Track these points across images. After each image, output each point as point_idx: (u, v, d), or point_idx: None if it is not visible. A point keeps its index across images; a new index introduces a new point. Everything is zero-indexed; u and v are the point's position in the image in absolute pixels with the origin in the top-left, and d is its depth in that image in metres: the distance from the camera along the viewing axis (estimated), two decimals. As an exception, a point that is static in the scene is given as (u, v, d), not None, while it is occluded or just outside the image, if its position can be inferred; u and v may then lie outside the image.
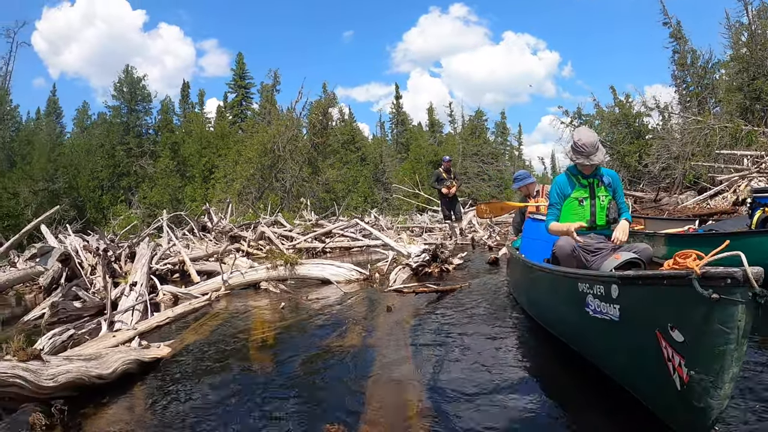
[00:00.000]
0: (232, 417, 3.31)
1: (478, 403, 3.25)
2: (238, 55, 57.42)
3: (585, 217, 4.85)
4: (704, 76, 35.09)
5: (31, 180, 34.70)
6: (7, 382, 2.96)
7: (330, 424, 2.93)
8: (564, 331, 4.12)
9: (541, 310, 4.82)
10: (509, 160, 67.53)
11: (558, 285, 4.02)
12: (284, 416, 3.24)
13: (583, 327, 3.46)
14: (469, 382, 3.58)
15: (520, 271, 5.73)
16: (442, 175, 14.39)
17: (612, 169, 5.44)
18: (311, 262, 9.47)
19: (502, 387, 3.49)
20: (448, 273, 9.05)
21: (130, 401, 3.63)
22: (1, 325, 7.23)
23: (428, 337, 5.05)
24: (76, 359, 3.61)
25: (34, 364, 3.20)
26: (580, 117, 39.24)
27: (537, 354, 4.37)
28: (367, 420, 3.06)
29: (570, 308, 3.63)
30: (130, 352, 4.12)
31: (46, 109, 51.38)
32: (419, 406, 3.26)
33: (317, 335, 5.43)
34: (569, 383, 3.62)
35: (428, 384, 3.62)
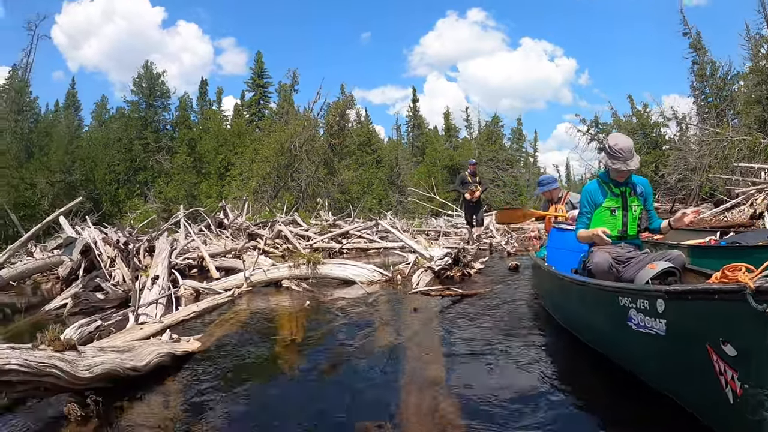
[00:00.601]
0: (264, 415, 3.27)
1: (516, 410, 3.17)
2: (257, 54, 57.56)
3: (617, 227, 4.71)
4: (723, 88, 34.91)
5: (49, 171, 34.94)
6: (43, 372, 2.90)
7: (365, 423, 2.89)
8: (602, 342, 4.00)
9: (576, 321, 4.69)
10: (524, 166, 67.37)
11: (596, 298, 3.89)
12: (317, 415, 3.19)
13: (625, 341, 3.36)
14: (504, 389, 3.49)
15: (549, 281, 5.57)
16: (467, 178, 13.73)
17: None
18: (333, 262, 9.45)
19: (538, 395, 3.40)
20: (470, 277, 8.96)
21: (164, 395, 3.59)
22: (23, 314, 7.20)
23: (458, 339, 4.97)
24: (110, 351, 3.56)
25: (70, 355, 3.15)
26: (597, 126, 39.18)
27: (572, 362, 4.27)
28: (402, 423, 2.98)
29: (610, 322, 3.54)
30: (163, 345, 4.08)
31: (65, 101, 51.71)
32: (455, 411, 3.18)
33: (346, 334, 5.37)
34: (607, 392, 3.50)
35: (462, 388, 3.54)
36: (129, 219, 21.37)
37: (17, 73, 42.70)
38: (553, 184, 7.95)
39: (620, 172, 4.60)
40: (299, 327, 5.71)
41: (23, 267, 9.17)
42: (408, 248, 10.39)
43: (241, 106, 55.13)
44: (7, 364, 2.72)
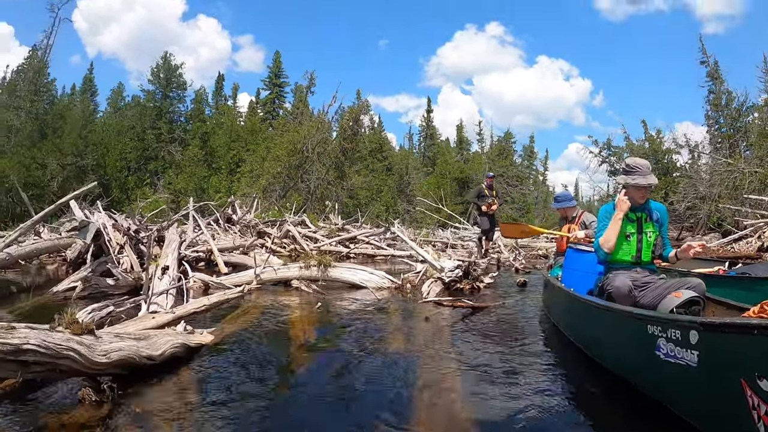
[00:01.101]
0: (275, 411, 3.23)
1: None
2: (276, 54, 57.83)
3: (631, 253, 4.67)
4: (737, 119, 34.80)
5: (60, 153, 35.14)
6: (61, 354, 2.86)
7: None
8: (625, 368, 3.84)
9: (595, 345, 4.53)
10: (533, 184, 67.33)
11: (621, 324, 3.78)
12: (327, 417, 3.15)
13: (652, 369, 3.25)
14: (520, 407, 3.38)
15: (566, 302, 5.45)
16: (484, 191, 13.58)
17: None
18: (344, 266, 9.43)
19: (559, 416, 3.31)
20: (479, 291, 8.90)
21: (178, 385, 3.56)
22: (30, 294, 7.19)
23: (471, 353, 4.88)
24: (126, 338, 3.51)
25: (87, 339, 3.10)
26: (609, 148, 39.10)
27: (589, 386, 4.07)
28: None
29: (635, 349, 3.45)
30: (178, 336, 4.04)
31: (81, 86, 52.03)
32: (469, 425, 3.11)
33: (358, 338, 5.31)
34: (628, 419, 3.39)
35: (478, 404, 3.46)
36: (138, 207, 21.34)
37: (37, 53, 42.90)
38: (570, 202, 7.90)
39: (639, 189, 4.57)
40: (311, 328, 5.66)
41: (32, 246, 9.13)
42: (419, 258, 10.35)
43: (256, 103, 55.38)
44: (25, 344, 2.68)
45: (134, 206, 26.58)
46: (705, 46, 37.24)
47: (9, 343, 2.62)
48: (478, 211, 14.05)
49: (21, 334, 2.72)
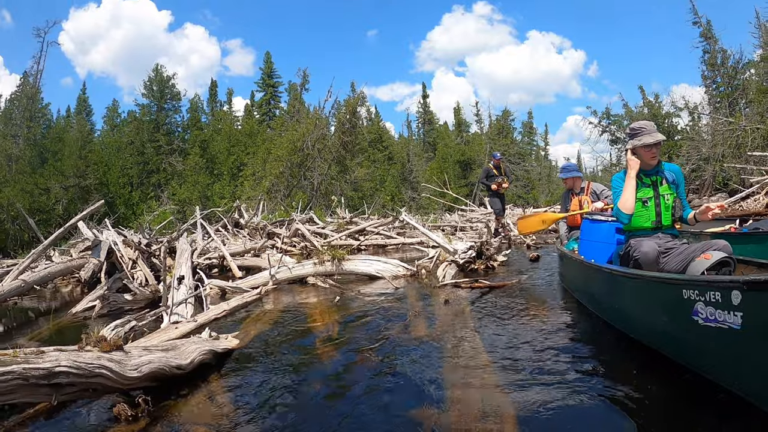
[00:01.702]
0: (311, 410, 3.23)
1: (573, 414, 3.00)
2: (266, 54, 57.93)
3: (650, 219, 4.58)
4: (735, 77, 34.51)
5: (62, 176, 35.13)
6: (93, 373, 2.86)
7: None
8: (658, 338, 3.70)
9: (623, 316, 4.35)
10: (536, 160, 67.24)
11: (652, 292, 3.62)
12: (363, 409, 3.13)
13: (689, 336, 3.14)
14: (550, 385, 3.37)
15: (587, 274, 5.39)
16: (492, 171, 13.68)
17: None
18: (358, 258, 9.43)
19: (590, 395, 3.22)
20: (493, 270, 8.94)
21: (210, 393, 3.55)
22: (51, 316, 7.20)
23: (493, 330, 4.94)
24: (155, 350, 3.52)
25: (117, 355, 3.11)
26: (608, 117, 38.93)
27: (620, 359, 3.99)
28: (453, 418, 2.91)
29: (669, 316, 3.34)
30: (204, 343, 4.04)
31: (76, 107, 52.29)
32: (506, 409, 3.06)
33: (381, 327, 5.33)
34: (667, 394, 3.24)
35: (506, 378, 3.47)
36: (145, 221, 21.40)
37: (29, 79, 42.91)
38: (574, 172, 7.89)
39: (649, 148, 4.52)
40: (333, 322, 5.66)
41: (45, 271, 9.12)
42: (431, 242, 10.37)
43: (252, 106, 55.41)
44: (57, 367, 2.68)
45: (141, 220, 26.70)
46: (696, 7, 36.93)
47: (41, 368, 2.63)
48: (488, 192, 14.21)
49: (51, 357, 2.72)
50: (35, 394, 2.70)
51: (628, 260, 4.53)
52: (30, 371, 2.59)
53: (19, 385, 2.58)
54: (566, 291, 6.59)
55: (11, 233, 28.12)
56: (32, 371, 2.60)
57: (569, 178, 7.87)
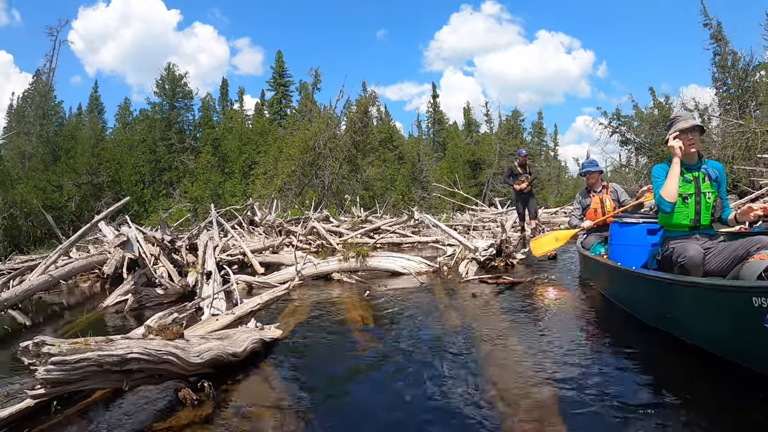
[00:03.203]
0: (356, 394, 3.36)
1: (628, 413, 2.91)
2: (278, 53, 58.03)
3: (689, 216, 4.40)
4: (745, 79, 34.44)
5: (75, 173, 35.40)
6: (161, 359, 2.98)
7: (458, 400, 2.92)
8: (724, 346, 3.44)
9: (679, 323, 3.98)
10: (545, 160, 67.20)
11: (715, 300, 3.37)
12: (409, 395, 3.21)
13: (763, 344, 2.95)
14: (584, 370, 3.46)
15: (628, 281, 5.00)
16: (517, 170, 13.17)
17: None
18: (382, 255, 9.55)
19: (646, 391, 3.18)
20: (513, 267, 9.06)
21: (264, 378, 3.70)
22: (84, 310, 7.34)
23: (524, 321, 5.08)
24: (210, 338, 3.64)
25: (180, 342, 3.23)
26: (618, 118, 38.87)
27: (678, 366, 3.68)
28: (497, 410, 2.98)
29: (738, 324, 3.14)
30: (253, 333, 4.17)
31: (88, 105, 52.66)
32: (549, 398, 3.09)
33: (415, 318, 5.50)
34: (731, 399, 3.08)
35: (549, 372, 3.49)
36: (160, 217, 21.55)
37: (41, 77, 43.23)
38: (593, 167, 7.93)
39: (684, 134, 4.43)
40: (367, 314, 5.80)
41: (70, 266, 9.23)
42: (450, 241, 10.49)
43: (262, 105, 55.62)
44: (129, 353, 2.80)
45: (154, 217, 26.85)
46: (707, 8, 36.90)
47: (114, 354, 2.74)
48: (513, 191, 13.60)
49: (122, 344, 2.84)
50: (107, 380, 2.81)
51: (669, 264, 4.37)
52: (104, 358, 2.70)
53: (94, 372, 2.69)
54: (590, 287, 6.64)
55: (24, 229, 28.31)
56: (106, 358, 2.71)
57: (594, 173, 7.84)
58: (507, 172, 13.64)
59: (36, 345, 2.61)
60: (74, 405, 3.19)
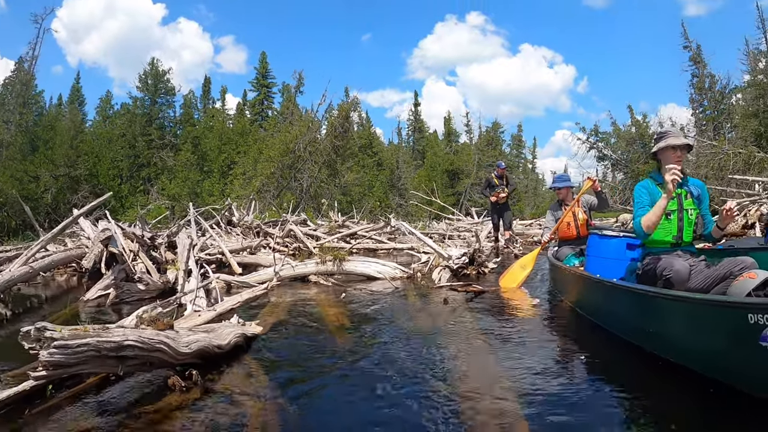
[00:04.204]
0: (336, 384, 3.61)
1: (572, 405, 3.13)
2: (262, 54, 58.00)
3: (671, 233, 4.41)
4: (721, 101, 35.35)
5: (53, 165, 35.08)
6: (154, 347, 3.22)
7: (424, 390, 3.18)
8: (711, 363, 3.33)
9: (660, 338, 3.84)
10: (523, 173, 67.91)
11: (706, 315, 3.26)
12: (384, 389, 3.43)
13: (758, 362, 2.87)
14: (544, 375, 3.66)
15: (607, 294, 4.82)
16: (494, 181, 13.46)
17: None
18: (358, 259, 9.87)
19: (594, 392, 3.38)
20: (484, 275, 9.42)
21: (246, 369, 3.92)
22: (67, 303, 7.48)
23: (490, 324, 5.43)
24: (197, 331, 3.90)
25: (171, 333, 3.48)
26: (596, 134, 39.51)
27: (665, 389, 3.49)
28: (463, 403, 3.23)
29: (731, 341, 3.06)
30: (236, 328, 4.41)
31: (69, 96, 52.15)
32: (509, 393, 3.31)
33: (388, 319, 5.82)
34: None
35: (512, 370, 3.74)
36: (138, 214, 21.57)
37: (23, 65, 42.83)
38: (569, 183, 8.14)
39: (674, 150, 4.40)
40: (342, 315, 6.06)
41: (49, 259, 9.35)
42: (425, 248, 10.80)
43: (244, 105, 55.55)
44: (126, 340, 3.05)
45: (131, 213, 26.76)
46: (687, 31, 37.84)
47: (112, 341, 2.99)
48: (489, 202, 13.87)
49: (118, 332, 3.09)
50: (104, 365, 3.06)
51: (652, 279, 4.32)
52: (103, 343, 2.94)
53: (92, 356, 2.94)
54: (559, 300, 6.84)
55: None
56: (105, 344, 2.95)
57: (564, 188, 8.04)
58: (485, 184, 13.86)
59: (38, 330, 2.84)
60: (68, 390, 3.36)
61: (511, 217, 13.99)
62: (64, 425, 2.88)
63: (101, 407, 3.14)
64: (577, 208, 7.65)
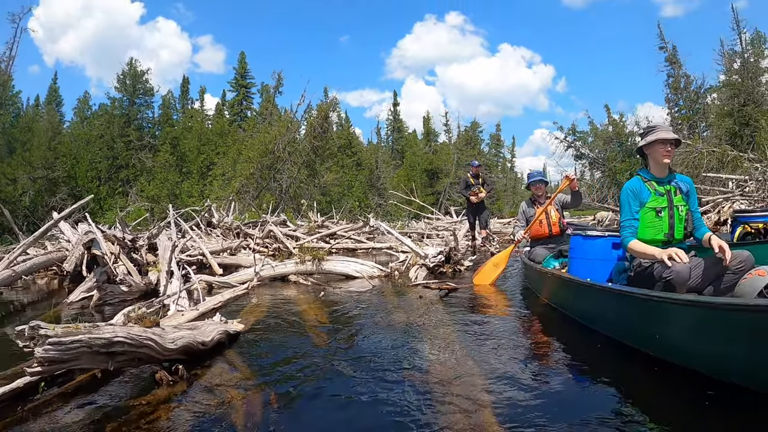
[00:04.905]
0: (315, 376, 3.79)
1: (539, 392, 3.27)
2: (241, 54, 58.10)
3: (663, 231, 4.29)
4: (696, 101, 36.01)
5: (30, 167, 34.89)
6: (142, 343, 3.42)
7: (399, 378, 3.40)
8: (729, 368, 3.13)
9: (664, 343, 3.62)
10: (502, 172, 68.43)
11: (725, 320, 3.02)
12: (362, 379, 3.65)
13: None
14: (520, 368, 3.82)
15: (596, 297, 4.63)
16: (470, 180, 13.44)
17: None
18: (337, 259, 10.15)
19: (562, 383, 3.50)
20: (460, 273, 9.66)
21: (229, 364, 4.13)
22: (52, 306, 7.59)
23: (462, 318, 5.73)
24: (182, 328, 4.11)
25: (157, 330, 3.68)
26: (574, 133, 40.02)
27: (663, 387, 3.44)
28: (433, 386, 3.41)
29: (745, 345, 2.94)
30: (219, 325, 4.62)
31: (46, 96, 51.78)
32: (479, 385, 3.48)
33: (366, 315, 6.08)
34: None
35: (479, 359, 3.93)
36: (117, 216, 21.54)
37: (0, 66, 42.44)
38: (540, 177, 8.13)
39: (664, 144, 4.27)
40: (322, 312, 6.31)
41: (31, 262, 9.40)
42: (403, 247, 11.08)
43: (223, 105, 55.46)
44: (115, 337, 3.24)
45: (109, 215, 26.68)
46: (663, 33, 38.60)
47: (103, 337, 3.18)
48: (466, 201, 13.96)
49: (108, 329, 3.28)
50: (95, 361, 3.24)
51: (648, 280, 4.17)
52: (94, 340, 3.14)
53: (84, 353, 3.12)
54: (534, 293, 7.13)
55: (-26, 222, 27.95)
56: (96, 340, 3.14)
57: (538, 184, 8.02)
58: (462, 184, 13.84)
59: (32, 328, 3.03)
60: (60, 387, 3.54)
61: (488, 215, 14.03)
62: (59, 419, 3.05)
63: (93, 402, 3.33)
64: (550, 207, 7.67)
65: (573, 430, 2.70)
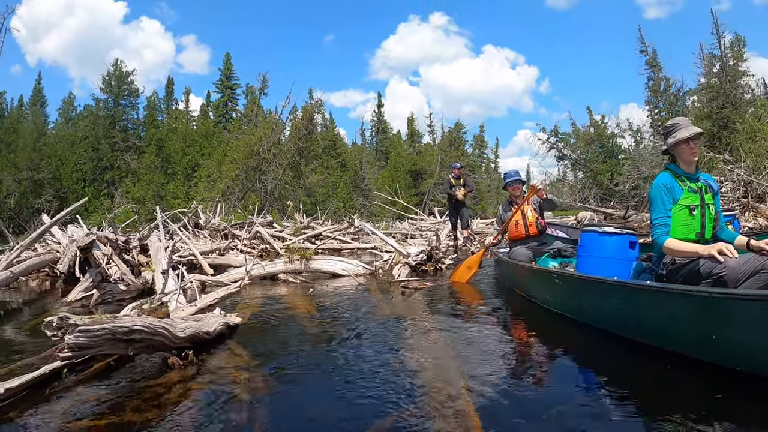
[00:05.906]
0: (303, 361, 4.25)
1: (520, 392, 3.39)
2: (226, 56, 58.19)
3: (695, 230, 4.14)
4: (675, 103, 36.75)
5: (15, 168, 34.93)
6: (157, 331, 3.86)
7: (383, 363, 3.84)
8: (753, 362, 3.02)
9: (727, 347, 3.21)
10: (485, 172, 68.98)
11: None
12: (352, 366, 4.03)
13: None
14: (492, 357, 4.23)
15: (616, 292, 4.22)
16: (452, 181, 13.80)
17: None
18: (324, 258, 10.68)
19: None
20: (441, 271, 10.19)
21: (231, 351, 4.59)
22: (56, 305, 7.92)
23: (441, 312, 6.22)
24: (189, 320, 4.56)
25: (168, 321, 4.14)
26: (556, 135, 40.67)
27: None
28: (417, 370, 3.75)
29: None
30: (220, 318, 5.08)
31: (30, 97, 51.50)
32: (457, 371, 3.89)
33: (352, 309, 6.56)
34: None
35: (457, 350, 4.35)
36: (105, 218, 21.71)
37: (-16, 68, 42.35)
38: (515, 177, 8.13)
39: (687, 143, 4.21)
40: (312, 307, 6.81)
41: (27, 263, 9.61)
42: (387, 247, 11.55)
43: (207, 106, 55.52)
44: (135, 325, 3.69)
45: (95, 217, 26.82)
46: (644, 36, 39.45)
47: (124, 326, 3.62)
48: (448, 201, 14.36)
49: (128, 319, 3.72)
50: (116, 347, 3.68)
51: (695, 277, 3.91)
52: (117, 328, 3.58)
53: (108, 339, 3.57)
54: (504, 287, 7.76)
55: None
56: (119, 328, 3.59)
57: (514, 184, 8.04)
58: (446, 185, 14.07)
59: (60, 319, 3.48)
60: (79, 374, 3.93)
61: (469, 215, 14.51)
62: (83, 400, 3.43)
63: (111, 385, 3.72)
64: (527, 206, 7.69)
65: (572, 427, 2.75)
